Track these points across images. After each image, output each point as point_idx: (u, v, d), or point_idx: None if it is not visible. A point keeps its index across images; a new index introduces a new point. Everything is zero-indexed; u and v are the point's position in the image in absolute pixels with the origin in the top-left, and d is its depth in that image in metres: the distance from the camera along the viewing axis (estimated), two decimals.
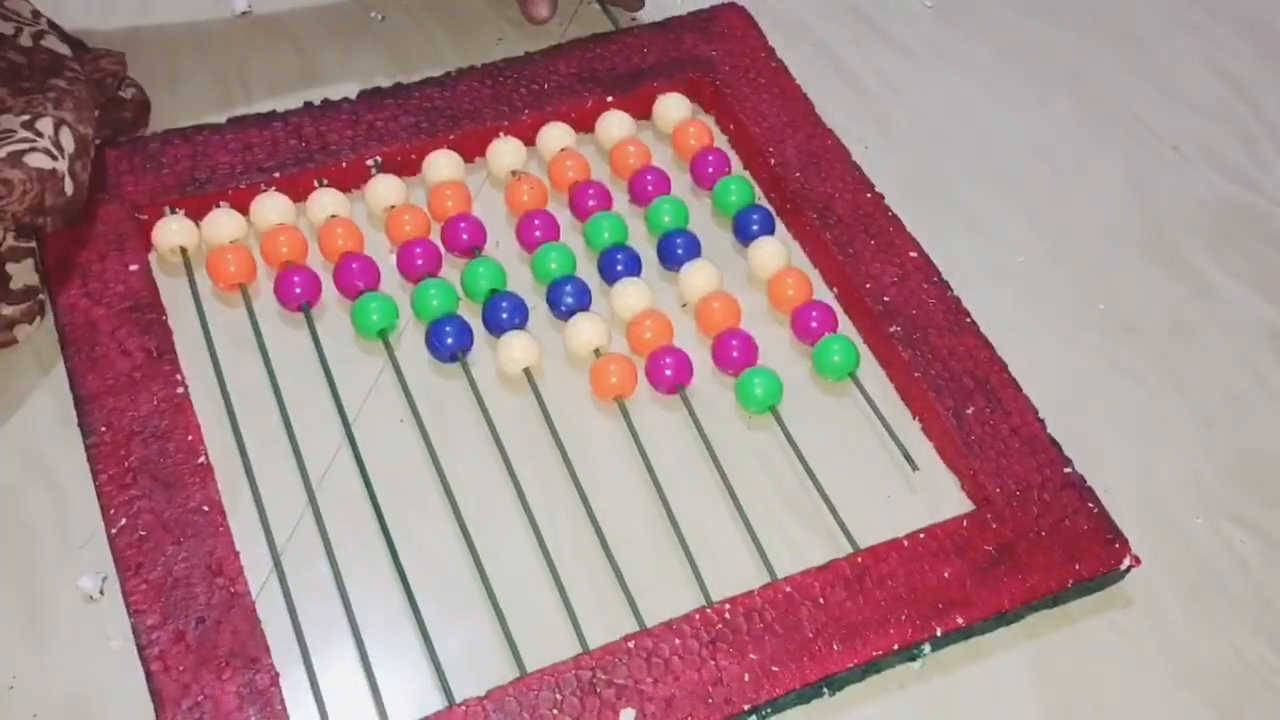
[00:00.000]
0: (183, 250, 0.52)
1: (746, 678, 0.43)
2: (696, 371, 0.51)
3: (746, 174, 0.58)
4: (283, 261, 0.52)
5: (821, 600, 0.45)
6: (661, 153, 0.59)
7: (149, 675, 0.42)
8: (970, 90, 0.64)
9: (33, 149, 0.48)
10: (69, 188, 0.49)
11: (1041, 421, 0.50)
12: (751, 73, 0.60)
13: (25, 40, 0.52)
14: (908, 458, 0.48)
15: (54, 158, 0.48)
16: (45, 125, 0.49)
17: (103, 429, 0.47)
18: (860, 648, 0.44)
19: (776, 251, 0.54)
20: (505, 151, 0.57)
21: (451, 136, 0.56)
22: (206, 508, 0.45)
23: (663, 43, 0.61)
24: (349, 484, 0.48)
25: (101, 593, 0.45)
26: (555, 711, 0.42)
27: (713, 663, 0.43)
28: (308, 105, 0.57)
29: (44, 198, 0.48)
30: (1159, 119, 0.64)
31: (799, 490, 0.49)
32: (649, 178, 0.56)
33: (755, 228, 0.55)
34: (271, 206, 0.54)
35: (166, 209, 0.53)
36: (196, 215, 0.53)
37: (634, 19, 0.64)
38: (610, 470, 0.49)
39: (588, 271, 0.54)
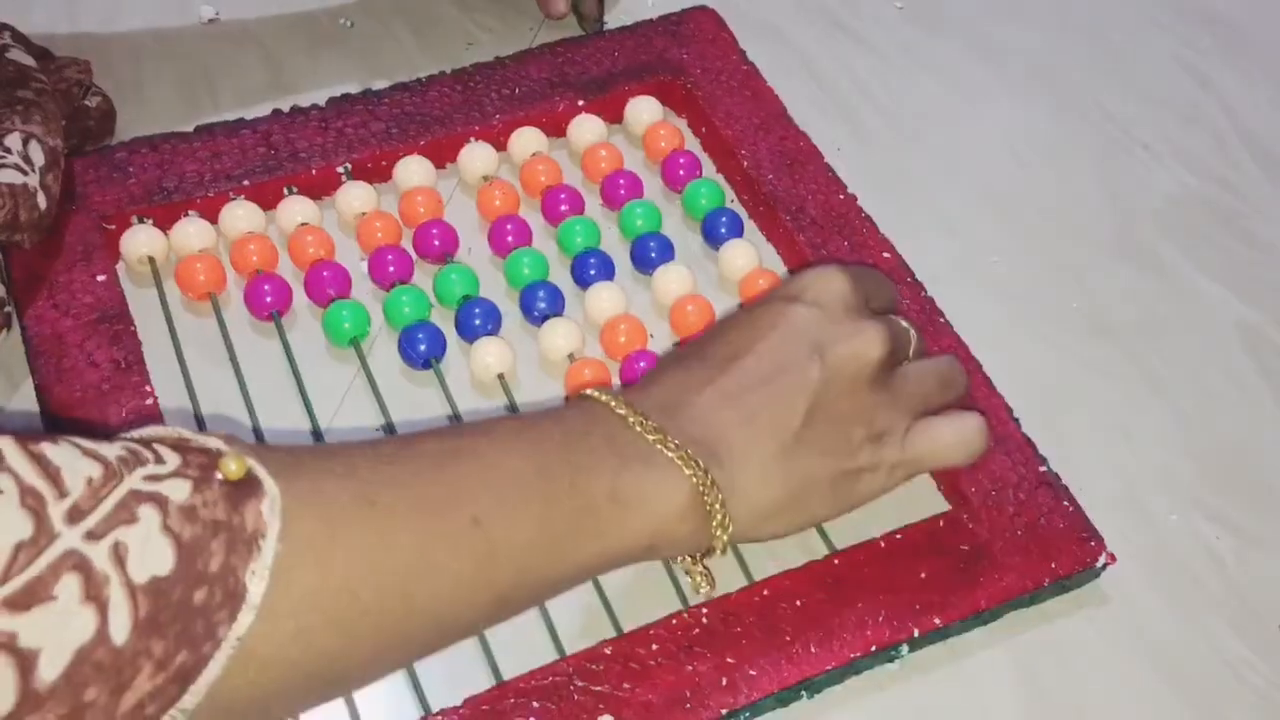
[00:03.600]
0: (151, 260, 0.52)
1: (724, 682, 0.43)
2: None
3: (719, 177, 0.58)
4: (253, 270, 0.52)
5: (799, 602, 0.44)
6: (633, 156, 0.59)
7: None
8: (942, 91, 0.65)
9: (2, 165, 0.47)
10: (42, 202, 0.48)
11: (1016, 421, 0.50)
12: (723, 75, 0.60)
13: None
14: None
15: (24, 173, 0.48)
16: (13, 141, 0.48)
17: None
18: (838, 650, 0.44)
19: (746, 254, 0.54)
20: (477, 157, 0.56)
21: (422, 142, 0.56)
22: None
23: (633, 46, 0.61)
24: None
25: None
26: None
27: (690, 667, 0.43)
28: (276, 113, 0.57)
29: (18, 214, 0.48)
30: (1129, 118, 0.64)
31: None
32: (621, 181, 0.56)
33: (723, 231, 0.55)
34: (241, 215, 0.53)
35: (134, 219, 0.53)
36: (165, 224, 0.53)
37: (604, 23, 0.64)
38: None
39: (561, 276, 0.54)
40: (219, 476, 0.32)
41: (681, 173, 0.57)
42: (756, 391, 0.41)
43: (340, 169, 0.55)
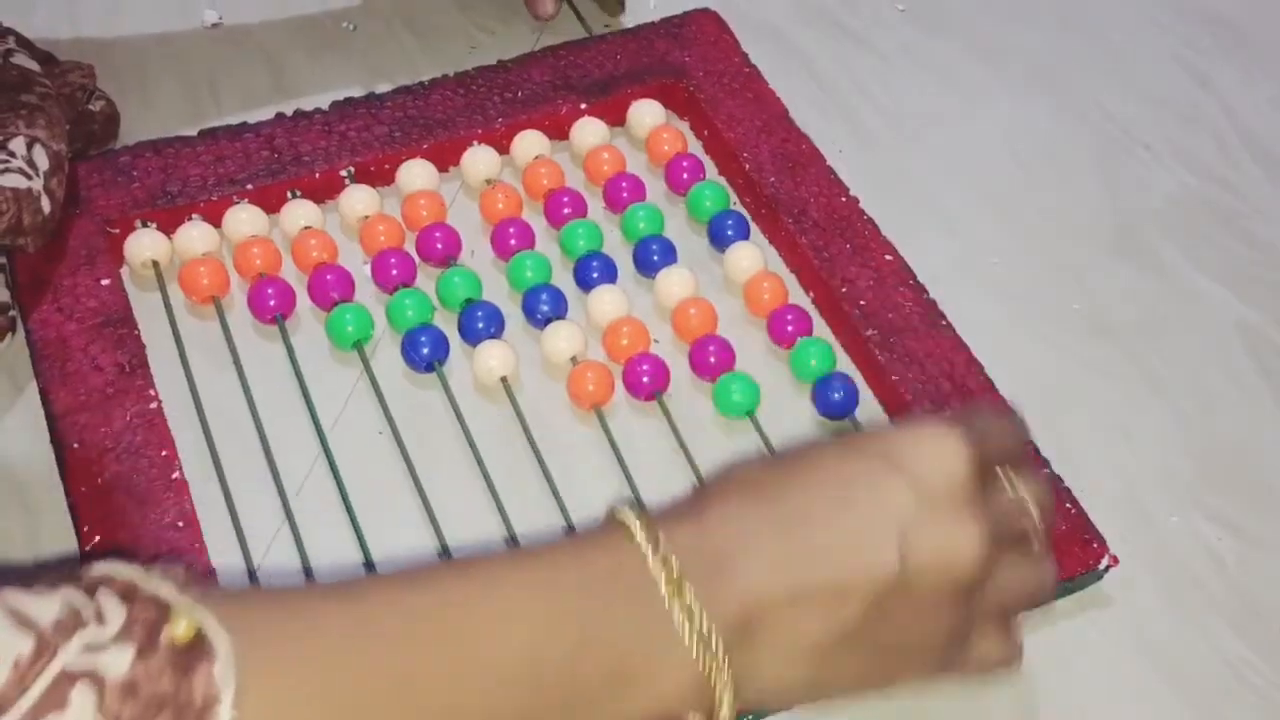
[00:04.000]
0: (155, 264, 0.52)
1: None
2: (674, 378, 0.51)
3: (722, 179, 0.58)
4: (256, 274, 0.52)
5: None
6: (636, 159, 0.59)
7: None
8: (943, 92, 0.65)
9: (6, 169, 0.47)
10: (46, 206, 0.49)
11: None
12: (725, 78, 0.60)
13: None
14: None
15: (29, 177, 0.48)
16: (18, 145, 0.48)
17: (75, 445, 0.46)
18: None
19: (752, 256, 0.54)
20: (479, 160, 0.56)
21: (425, 146, 0.56)
22: (181, 523, 0.45)
23: (636, 49, 0.61)
24: (326, 496, 0.47)
25: None
26: None
27: None
28: (280, 116, 0.57)
29: (22, 218, 0.48)
30: (1129, 118, 0.64)
31: None
32: (624, 184, 0.56)
33: (730, 233, 0.55)
34: (244, 218, 0.53)
35: (138, 222, 0.53)
36: (168, 228, 0.53)
37: (606, 25, 0.64)
38: (588, 478, 0.49)
39: (563, 279, 0.54)
40: (166, 637, 0.29)
41: (684, 175, 0.57)
42: (818, 568, 0.35)
43: (343, 172, 0.55)
